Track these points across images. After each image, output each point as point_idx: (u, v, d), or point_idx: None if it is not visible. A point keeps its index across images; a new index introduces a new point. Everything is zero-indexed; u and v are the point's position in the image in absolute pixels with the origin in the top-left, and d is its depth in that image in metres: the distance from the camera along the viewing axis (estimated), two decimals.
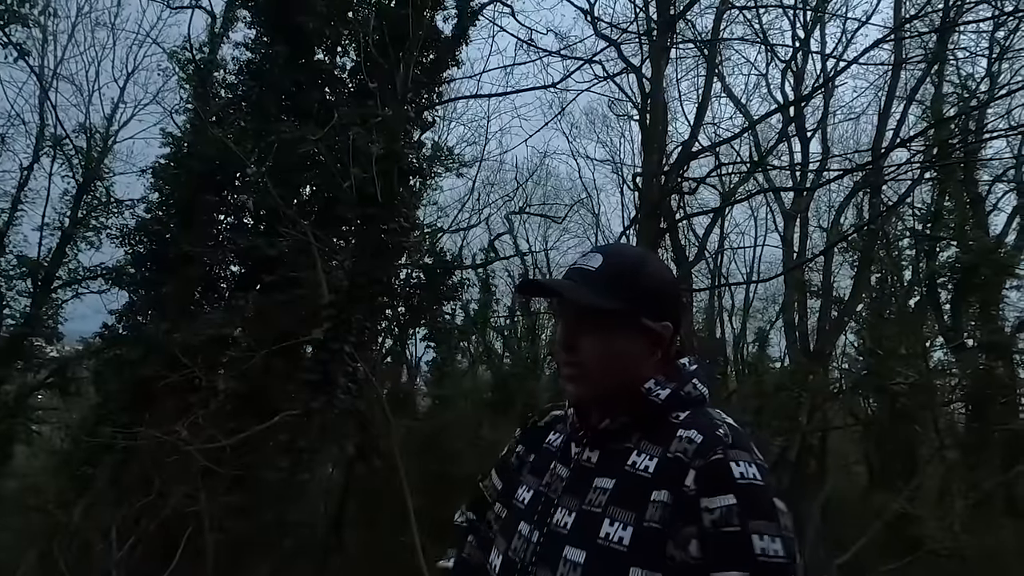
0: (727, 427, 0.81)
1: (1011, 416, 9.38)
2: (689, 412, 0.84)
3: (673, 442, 0.80)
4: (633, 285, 0.87)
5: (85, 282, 10.64)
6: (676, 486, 0.76)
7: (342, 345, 6.26)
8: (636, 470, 0.80)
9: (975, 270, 9.86)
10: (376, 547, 8.53)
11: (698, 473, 0.75)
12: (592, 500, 0.81)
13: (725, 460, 0.75)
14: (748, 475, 0.74)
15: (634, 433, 0.85)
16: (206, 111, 8.69)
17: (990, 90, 9.42)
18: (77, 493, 6.34)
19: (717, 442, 0.77)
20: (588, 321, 0.87)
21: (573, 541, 0.79)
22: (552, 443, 0.98)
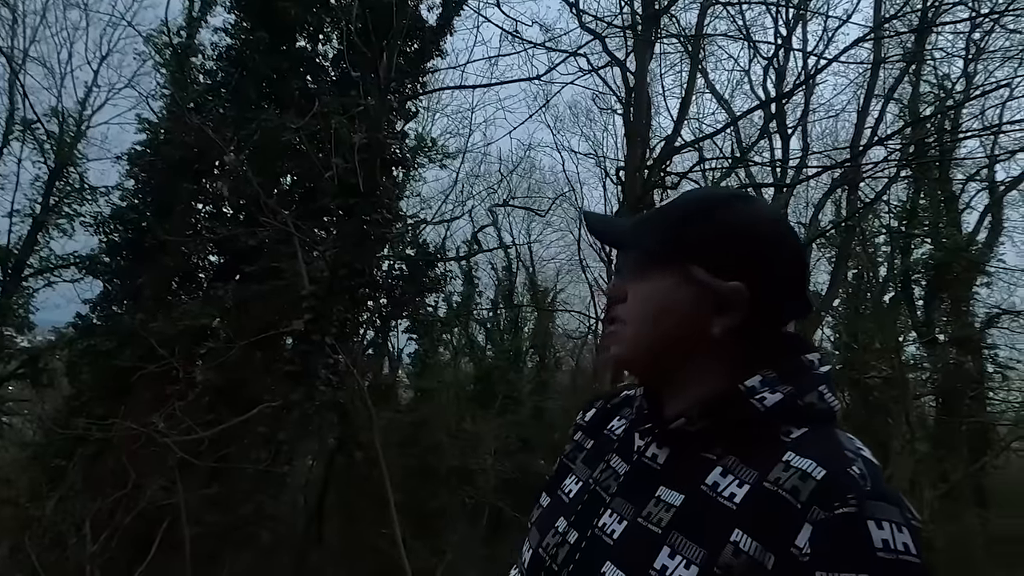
0: (864, 463, 0.57)
1: (979, 409, 9.67)
2: (807, 431, 0.61)
3: (776, 468, 0.58)
4: (685, 225, 0.69)
5: (57, 271, 10.39)
6: (776, 540, 0.54)
7: (323, 337, 6.22)
8: (717, 494, 0.59)
9: (947, 267, 10.12)
10: (357, 540, 8.52)
11: (816, 531, 0.52)
12: (651, 514, 0.63)
13: (861, 517, 0.52)
14: (896, 546, 0.50)
15: (719, 442, 0.63)
16: (184, 97, 8.51)
17: (965, 91, 9.62)
18: (50, 486, 6.21)
19: (849, 486, 0.54)
20: (634, 266, 0.72)
21: (618, 559, 0.62)
22: (614, 430, 0.80)
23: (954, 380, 9.40)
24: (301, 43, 9.10)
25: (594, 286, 12.38)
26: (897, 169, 7.92)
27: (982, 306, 10.75)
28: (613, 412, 0.83)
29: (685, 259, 0.67)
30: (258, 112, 7.84)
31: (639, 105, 5.44)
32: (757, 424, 0.62)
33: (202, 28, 9.62)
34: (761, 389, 0.62)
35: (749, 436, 0.62)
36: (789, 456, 0.58)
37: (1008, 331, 10.58)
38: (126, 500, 5.44)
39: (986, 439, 9.43)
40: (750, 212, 0.69)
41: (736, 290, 0.64)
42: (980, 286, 10.64)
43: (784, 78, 10.16)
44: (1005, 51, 8.90)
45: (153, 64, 10.18)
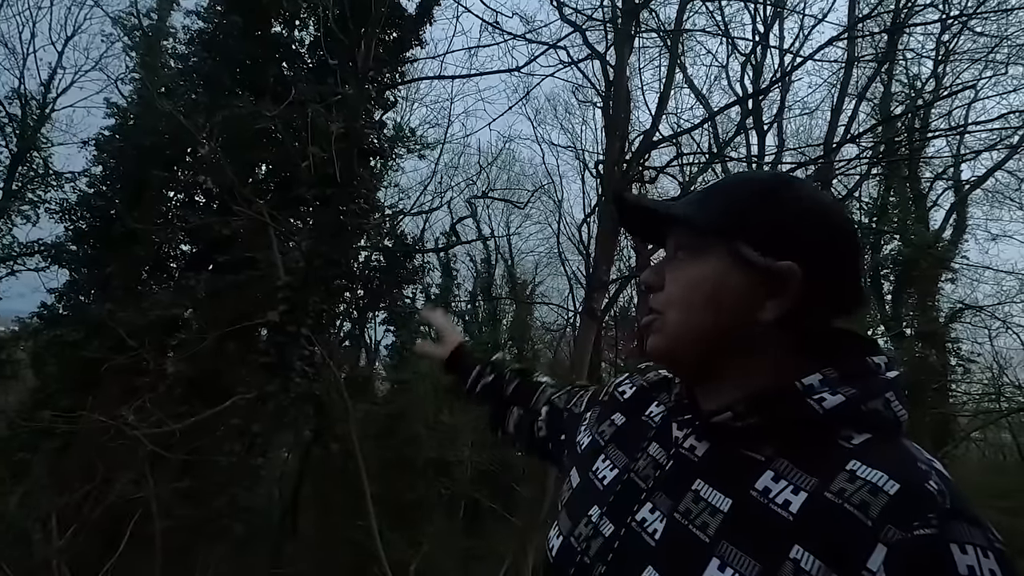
0: (939, 477, 0.51)
1: (942, 401, 10.00)
2: (869, 438, 0.55)
3: (839, 478, 0.52)
4: (739, 200, 0.63)
5: (21, 259, 10.05)
6: (844, 561, 0.48)
7: (298, 328, 6.14)
8: (770, 501, 0.54)
9: (915, 263, 10.41)
10: (332, 532, 8.47)
11: (892, 554, 0.46)
12: (693, 514, 0.58)
13: (942, 540, 0.46)
14: (982, 573, 0.45)
15: (770, 442, 0.58)
16: (154, 82, 8.27)
17: (934, 91, 9.87)
18: (13, 481, 6.05)
19: (928, 503, 0.48)
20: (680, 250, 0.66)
21: (660, 564, 0.57)
22: (653, 416, 0.74)
23: (919, 373, 9.70)
24: (277, 29, 8.91)
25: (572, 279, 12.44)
26: (868, 167, 8.10)
27: (946, 301, 11.11)
28: (652, 395, 0.78)
29: (736, 237, 0.61)
30: (232, 99, 7.67)
31: (618, 99, 5.46)
32: (814, 426, 0.56)
33: (174, 10, 9.37)
34: (820, 389, 0.57)
35: (803, 438, 0.56)
36: (854, 465, 0.52)
37: (970, 326, 10.95)
38: (94, 494, 5.33)
39: (948, 429, 9.77)
40: (810, 194, 0.64)
41: (790, 269, 0.59)
42: (945, 282, 10.99)
43: (761, 75, 10.29)
44: (972, 53, 9.16)
45: (122, 46, 9.89)
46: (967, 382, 10.69)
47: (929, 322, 10.40)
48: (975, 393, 10.14)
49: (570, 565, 0.65)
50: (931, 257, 10.21)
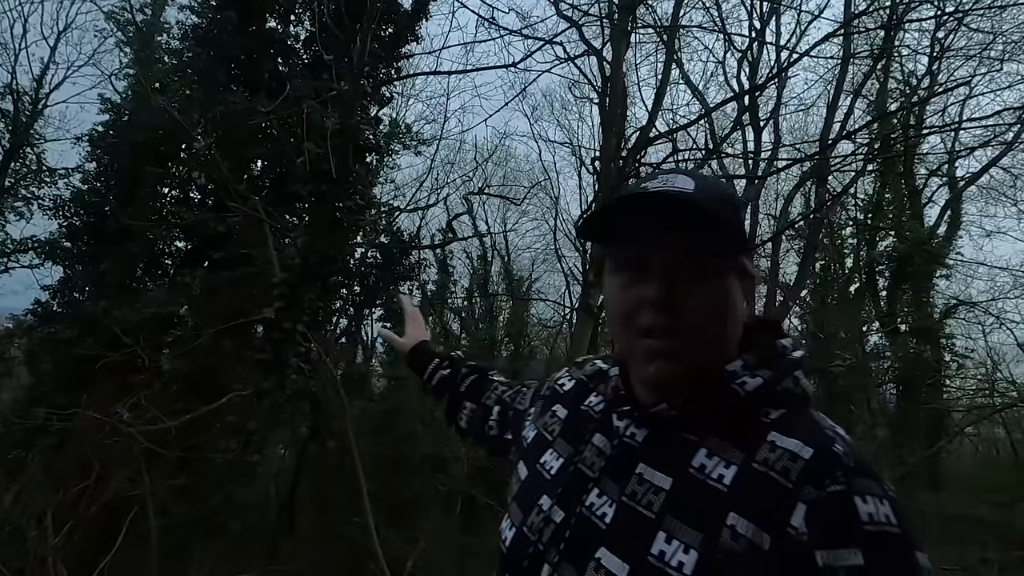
0: (843, 442, 0.58)
1: (936, 396, 10.06)
2: (784, 412, 0.62)
3: (762, 449, 0.58)
4: (737, 213, 0.66)
5: (15, 256, 10.00)
6: (774, 522, 0.54)
7: (294, 325, 6.12)
8: (706, 476, 0.60)
9: (910, 259, 10.46)
10: (329, 529, 8.47)
11: (811, 510, 0.53)
12: (638, 496, 0.62)
13: (849, 493, 0.53)
14: (879, 518, 0.52)
15: (700, 424, 0.64)
16: (148, 77, 8.22)
17: (929, 88, 9.90)
18: (8, 478, 6.02)
19: (835, 463, 0.56)
20: (696, 263, 0.63)
21: (612, 544, 0.61)
22: (593, 406, 0.77)
23: (914, 369, 9.75)
24: (271, 24, 8.85)
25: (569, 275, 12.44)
26: (864, 163, 8.12)
27: (941, 297, 11.17)
28: (590, 387, 0.81)
29: (740, 251, 0.65)
30: (226, 94, 7.63)
31: (615, 94, 5.45)
32: (738, 406, 0.62)
33: (168, 5, 9.31)
34: (742, 373, 0.63)
35: (730, 418, 0.62)
36: (774, 437, 0.59)
37: (964, 321, 11.02)
38: (90, 492, 5.31)
39: (942, 425, 9.83)
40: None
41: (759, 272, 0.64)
42: (939, 278, 11.04)
43: (757, 71, 10.30)
44: (967, 49, 9.18)
45: (116, 42, 9.82)
46: (961, 377, 10.77)
47: (923, 318, 10.45)
48: (969, 389, 10.21)
49: (524, 554, 0.67)
50: (926, 253, 10.26)
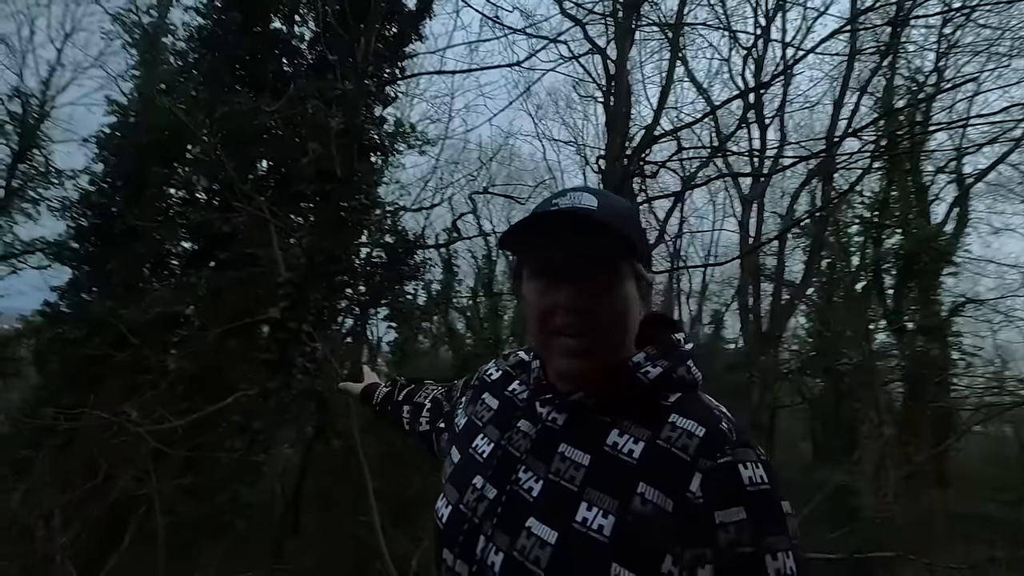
0: (727, 420, 0.70)
1: (943, 394, 9.99)
2: (680, 396, 0.73)
3: (664, 428, 0.69)
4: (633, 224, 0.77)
5: (23, 257, 10.07)
6: (676, 490, 0.65)
7: (300, 324, 6.13)
8: (618, 452, 0.69)
9: (916, 257, 10.38)
10: (335, 527, 8.50)
11: (705, 478, 0.64)
12: (562, 472, 0.71)
13: (734, 463, 0.65)
14: (756, 479, 0.64)
15: (612, 407, 0.73)
16: (154, 78, 8.26)
17: (936, 84, 9.82)
18: (16, 478, 6.06)
19: (723, 439, 0.67)
20: (602, 270, 0.73)
21: (541, 515, 0.70)
22: (516, 393, 0.88)
23: (921, 367, 9.68)
24: (276, 24, 8.88)
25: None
26: (870, 160, 8.07)
27: (948, 295, 11.08)
28: (513, 376, 0.92)
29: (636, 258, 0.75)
30: (231, 95, 7.65)
31: (619, 93, 5.44)
32: (643, 392, 0.73)
33: (173, 7, 9.34)
34: (645, 364, 0.73)
35: (636, 402, 0.72)
36: (674, 418, 0.70)
37: (972, 319, 10.93)
38: (97, 491, 5.34)
39: (949, 423, 9.76)
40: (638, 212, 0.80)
41: (653, 278, 0.79)
42: (947, 276, 10.96)
43: (763, 68, 10.25)
44: (974, 45, 9.10)
45: (121, 44, 9.85)
46: (969, 376, 10.68)
47: (931, 316, 10.38)
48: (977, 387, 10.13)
49: (461, 529, 0.75)
50: (933, 251, 10.18)
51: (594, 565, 0.64)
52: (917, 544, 6.64)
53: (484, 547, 0.72)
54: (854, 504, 7.34)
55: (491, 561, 0.70)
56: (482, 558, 0.71)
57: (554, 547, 0.66)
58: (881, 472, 7.97)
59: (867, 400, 9.72)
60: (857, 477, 7.81)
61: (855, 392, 10.18)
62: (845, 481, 7.47)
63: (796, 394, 11.96)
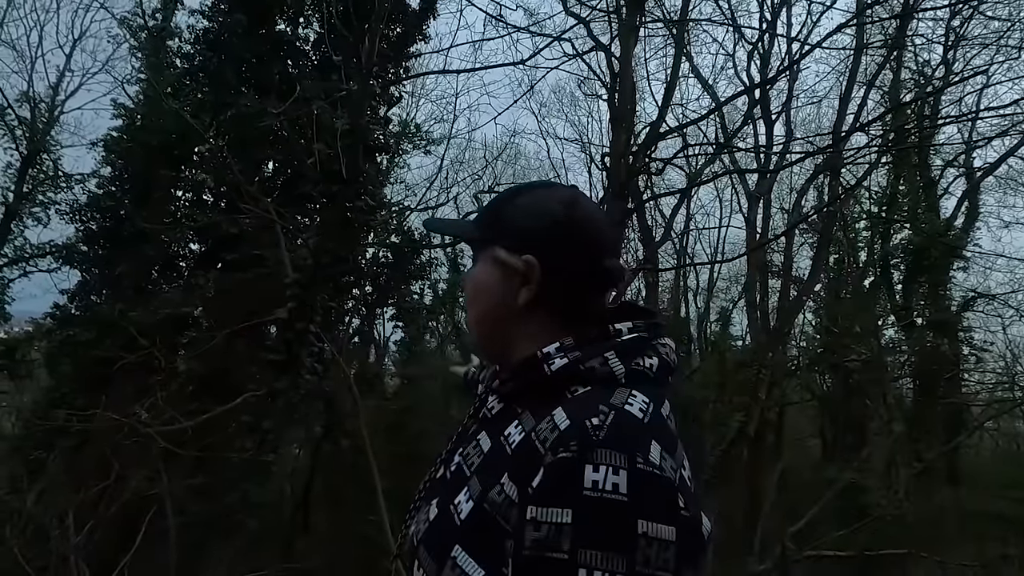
0: (615, 415, 0.61)
1: (954, 391, 9.91)
2: (588, 390, 0.67)
3: (544, 421, 0.65)
4: (496, 213, 0.80)
5: (33, 260, 10.17)
6: (524, 481, 0.61)
7: (307, 325, 6.16)
8: (506, 441, 0.68)
9: (926, 252, 10.29)
10: (344, 527, 8.54)
11: (544, 472, 0.59)
12: (468, 456, 0.72)
13: (577, 461, 0.57)
14: (604, 486, 0.55)
15: (525, 400, 0.71)
16: (160, 82, 8.31)
17: (944, 77, 9.72)
18: (30, 478, 6.13)
19: (577, 435, 0.60)
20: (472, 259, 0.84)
21: (440, 493, 0.72)
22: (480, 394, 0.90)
23: (931, 363, 9.61)
24: (281, 26, 8.91)
25: None
26: (878, 155, 8.01)
27: (958, 290, 10.99)
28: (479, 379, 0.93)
29: (492, 242, 0.77)
30: (237, 97, 7.69)
31: (624, 90, 5.43)
32: (547, 384, 0.69)
33: (178, 10, 9.39)
34: (555, 355, 0.70)
35: (544, 393, 0.69)
36: (556, 411, 0.65)
37: (983, 314, 10.83)
38: (109, 491, 5.39)
39: (960, 419, 9.68)
40: (542, 196, 0.78)
41: (528, 263, 0.73)
42: (957, 270, 10.87)
43: (768, 63, 10.19)
44: (983, 38, 9.01)
45: (128, 48, 9.93)
46: (980, 371, 10.59)
47: (941, 311, 10.29)
48: (988, 382, 10.05)
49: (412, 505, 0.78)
50: (942, 245, 10.09)
51: (443, 544, 0.65)
52: (928, 542, 6.61)
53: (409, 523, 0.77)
54: (864, 502, 7.30)
55: (410, 533, 0.75)
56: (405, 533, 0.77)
57: (430, 523, 0.69)
58: (891, 469, 7.91)
59: (877, 397, 9.66)
60: (867, 475, 7.76)
61: (864, 389, 10.11)
62: (855, 479, 7.43)
63: (805, 391, 11.89)
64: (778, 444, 10.95)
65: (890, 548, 6.28)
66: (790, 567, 5.71)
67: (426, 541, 0.69)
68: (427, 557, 0.67)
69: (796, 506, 7.64)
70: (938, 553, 5.93)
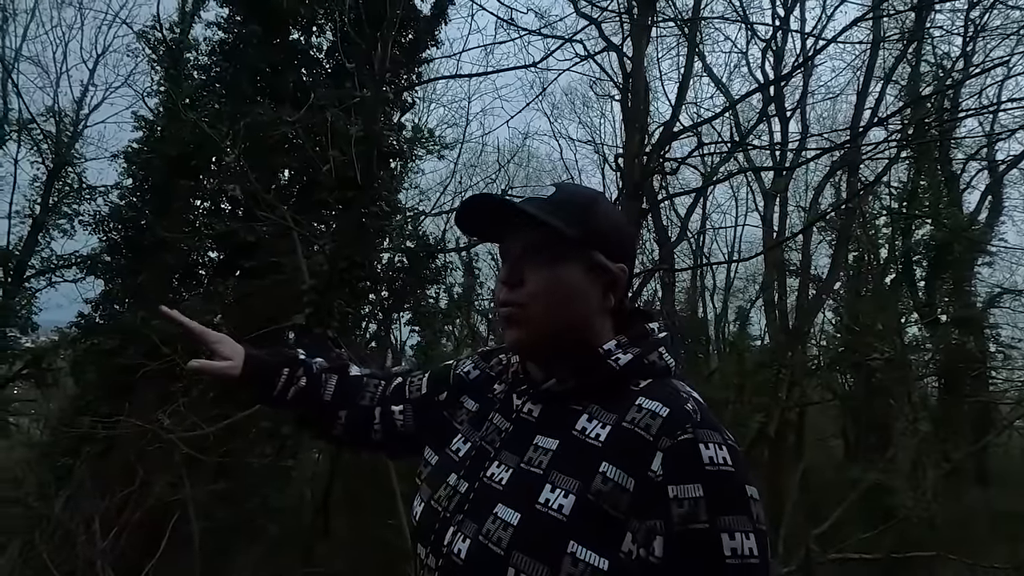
0: (695, 402, 0.71)
1: (981, 389, 9.69)
2: (651, 381, 0.74)
3: (631, 411, 0.70)
4: (587, 215, 0.79)
5: (59, 271, 10.39)
6: (638, 468, 0.66)
7: (325, 330, 6.21)
8: (585, 436, 0.71)
9: (948, 247, 10.09)
10: (363, 531, 8.57)
11: (665, 456, 0.65)
12: (532, 459, 0.73)
13: (695, 441, 0.66)
14: (718, 460, 0.65)
15: (585, 394, 0.76)
16: (179, 93, 8.46)
17: (964, 69, 9.54)
18: (58, 485, 6.25)
19: (686, 419, 0.68)
20: (537, 252, 0.78)
21: (507, 500, 0.71)
22: (496, 394, 0.89)
23: (956, 360, 9.40)
24: (295, 36, 9.03)
25: None
26: (897, 150, 7.87)
27: (984, 286, 10.75)
28: (495, 378, 0.93)
29: (589, 246, 0.78)
30: (253, 106, 7.80)
31: (636, 90, 5.41)
32: (614, 378, 0.75)
33: (195, 23, 9.56)
34: (616, 351, 0.76)
35: (607, 388, 0.75)
36: (640, 400, 0.71)
37: (1010, 310, 10.59)
38: (134, 497, 5.47)
39: (988, 418, 9.46)
40: (612, 207, 0.86)
41: (623, 270, 0.80)
42: (982, 266, 10.63)
43: (782, 60, 10.09)
44: (1003, 28, 8.82)
45: (148, 61, 10.12)
46: (1008, 369, 10.34)
47: (966, 308, 10.07)
48: (1017, 380, 9.80)
49: (433, 522, 0.77)
50: (966, 240, 9.87)
51: (552, 542, 0.65)
52: (957, 544, 6.45)
53: (452, 538, 0.73)
54: (889, 503, 7.15)
55: (457, 549, 0.72)
56: (449, 548, 0.73)
57: (516, 527, 0.68)
58: (918, 470, 7.75)
59: (901, 396, 9.47)
60: (892, 476, 7.61)
61: (888, 388, 9.92)
62: (879, 479, 7.29)
63: (826, 391, 11.71)
64: (799, 445, 10.78)
65: (917, 550, 6.15)
66: (814, 570, 5.61)
67: (523, 546, 0.67)
68: (530, 561, 0.66)
69: (819, 507, 7.51)
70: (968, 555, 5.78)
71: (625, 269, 0.80)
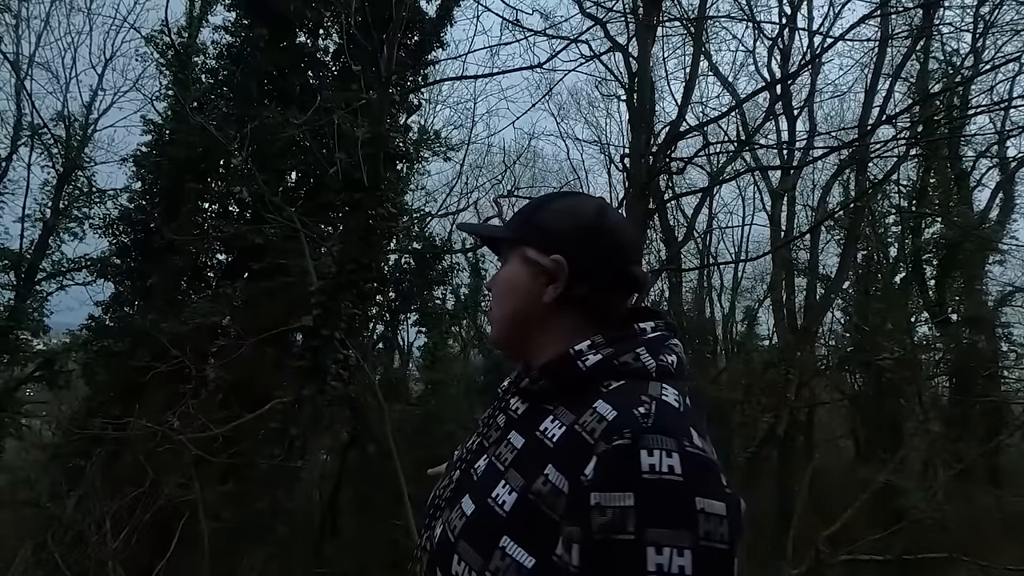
0: (657, 405, 0.66)
1: (993, 388, 9.59)
2: (623, 384, 0.71)
3: (586, 414, 0.68)
4: (528, 216, 0.85)
5: (70, 274, 10.49)
6: (573, 472, 0.64)
7: (332, 332, 6.24)
8: (544, 437, 0.71)
9: (959, 246, 9.99)
10: (371, 532, 8.60)
11: (598, 460, 0.62)
12: (501, 455, 0.74)
13: (633, 447, 0.61)
14: (661, 468, 0.59)
15: (557, 397, 0.74)
16: (187, 97, 8.53)
17: (974, 66, 9.45)
18: (69, 486, 6.31)
19: (629, 423, 0.63)
20: (500, 258, 0.89)
21: (473, 492, 0.73)
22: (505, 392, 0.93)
23: (967, 360, 9.31)
24: (301, 38, 9.08)
25: None
26: (906, 148, 7.82)
27: (995, 284, 10.64)
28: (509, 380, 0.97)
29: (522, 243, 0.82)
30: (260, 109, 7.85)
31: (642, 90, 5.40)
32: (583, 380, 0.73)
33: (203, 27, 9.63)
34: (588, 352, 0.74)
35: (577, 389, 0.73)
36: (597, 404, 0.68)
37: (1022, 309, 10.47)
38: (144, 498, 5.51)
39: (1000, 418, 9.35)
40: (573, 202, 0.84)
41: (557, 262, 0.78)
42: (993, 264, 10.52)
43: (789, 58, 10.03)
44: (1014, 24, 8.73)
45: (156, 65, 10.20)
46: (1020, 368, 10.23)
47: (977, 307, 9.97)
48: None
49: (430, 511, 0.81)
50: (977, 239, 9.78)
51: (489, 535, 0.67)
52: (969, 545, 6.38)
53: (434, 525, 0.77)
54: (900, 504, 7.09)
55: (435, 535, 0.75)
56: (431, 534, 0.77)
57: (468, 517, 0.71)
58: (929, 471, 7.68)
59: (911, 396, 9.39)
60: (903, 476, 7.54)
61: (898, 388, 9.84)
62: (890, 480, 7.23)
63: (835, 391, 11.62)
64: (808, 445, 10.71)
65: (929, 552, 6.09)
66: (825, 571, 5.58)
67: (467, 536, 0.70)
68: (470, 550, 0.68)
69: (829, 509, 7.46)
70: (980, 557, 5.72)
71: (560, 261, 0.78)
